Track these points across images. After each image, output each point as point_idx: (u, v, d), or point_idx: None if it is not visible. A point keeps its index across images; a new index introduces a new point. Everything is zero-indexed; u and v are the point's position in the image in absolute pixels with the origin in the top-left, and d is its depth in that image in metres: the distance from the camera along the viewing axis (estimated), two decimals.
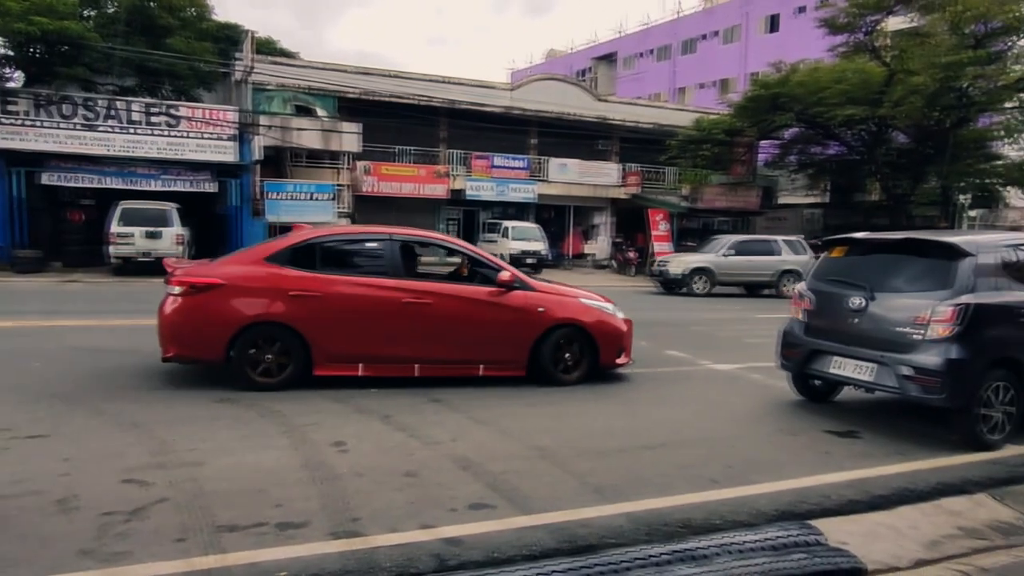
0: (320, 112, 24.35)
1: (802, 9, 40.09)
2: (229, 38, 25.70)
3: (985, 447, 5.52)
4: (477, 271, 7.54)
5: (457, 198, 26.92)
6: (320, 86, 24.63)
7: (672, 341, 10.16)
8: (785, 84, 24.56)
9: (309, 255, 6.72)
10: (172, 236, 18.18)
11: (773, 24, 44.64)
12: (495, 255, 30.16)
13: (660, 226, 28.07)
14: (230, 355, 6.32)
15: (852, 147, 26.64)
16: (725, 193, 29.76)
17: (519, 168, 27.96)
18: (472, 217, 29.11)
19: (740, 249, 19.81)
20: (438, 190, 26.23)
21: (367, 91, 25.07)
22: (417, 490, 4.18)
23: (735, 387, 7.67)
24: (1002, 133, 24.41)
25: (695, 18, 50.44)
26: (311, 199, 22.23)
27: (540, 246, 24.86)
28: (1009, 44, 22.41)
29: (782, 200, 33.24)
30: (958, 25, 21.83)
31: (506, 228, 25.44)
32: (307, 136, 23.01)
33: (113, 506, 3.72)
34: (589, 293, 7.80)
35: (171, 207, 18.47)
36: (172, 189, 20.29)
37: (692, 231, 29.24)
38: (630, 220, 30.00)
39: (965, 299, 5.37)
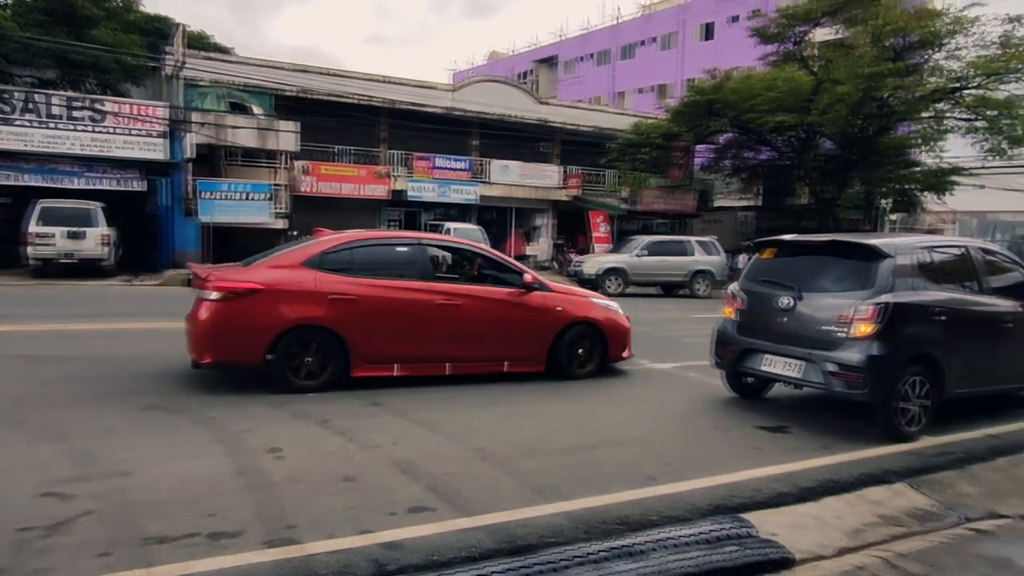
0: (256, 110, 23.70)
1: (735, 18, 41.37)
2: (159, 31, 24.75)
3: (903, 439, 5.81)
4: (488, 273, 8.02)
5: (398, 199, 26.66)
6: (256, 83, 23.96)
7: None
8: (720, 91, 25.27)
9: (343, 259, 6.83)
10: (96, 236, 17.37)
11: (708, 32, 45.93)
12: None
13: (600, 228, 28.49)
14: (267, 359, 6.32)
15: (783, 152, 27.63)
16: (663, 196, 30.43)
17: (461, 169, 27.92)
18: (413, 218, 28.89)
19: (653, 250, 20.11)
20: (379, 191, 25.93)
21: (305, 89, 24.56)
22: (356, 495, 4.13)
23: (673, 386, 7.86)
24: (919, 141, 25.72)
25: (634, 24, 51.42)
26: (247, 199, 21.62)
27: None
28: (925, 57, 23.64)
29: (718, 203, 34.20)
30: (879, 38, 22.91)
31: (448, 229, 25.32)
32: (242, 134, 22.35)
33: (32, 521, 3.54)
34: (597, 294, 8.72)
35: (95, 206, 17.62)
36: (97, 187, 19.35)
37: (632, 233, 29.76)
38: (571, 222, 30.34)
39: (885, 298, 5.64)
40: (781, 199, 31.53)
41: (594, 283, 19.15)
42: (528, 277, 7.58)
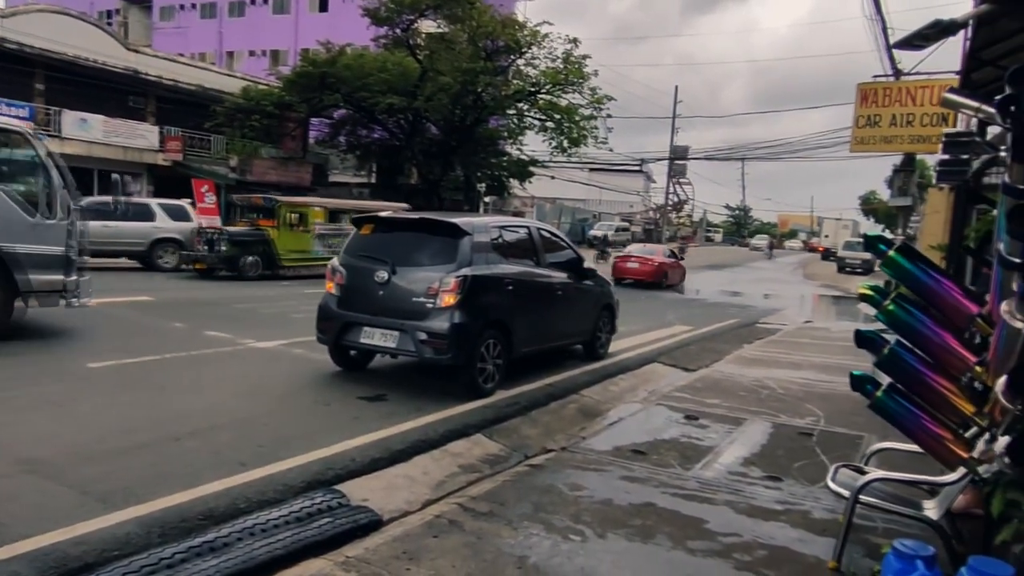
0: None
1: None
2: None
3: (482, 395, 6.56)
4: None
5: None
6: None
7: (213, 321, 9.56)
8: (334, 65, 25.25)
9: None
10: None
11: (323, 4, 45.35)
12: None
13: (207, 198, 26.03)
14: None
15: (394, 133, 28.97)
16: (277, 167, 29.23)
17: (19, 118, 22.49)
18: None
19: (94, 213, 15.45)
20: None
21: None
22: None
23: (276, 364, 7.60)
24: (506, 134, 29.62)
25: None
26: None
27: None
28: (510, 61, 27.19)
29: (334, 178, 34.25)
30: (474, 38, 25.54)
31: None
32: None
33: None
34: None
35: None
36: None
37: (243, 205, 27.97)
38: (173, 190, 27.02)
39: (465, 271, 6.29)
40: (394, 178, 33.11)
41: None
42: None
